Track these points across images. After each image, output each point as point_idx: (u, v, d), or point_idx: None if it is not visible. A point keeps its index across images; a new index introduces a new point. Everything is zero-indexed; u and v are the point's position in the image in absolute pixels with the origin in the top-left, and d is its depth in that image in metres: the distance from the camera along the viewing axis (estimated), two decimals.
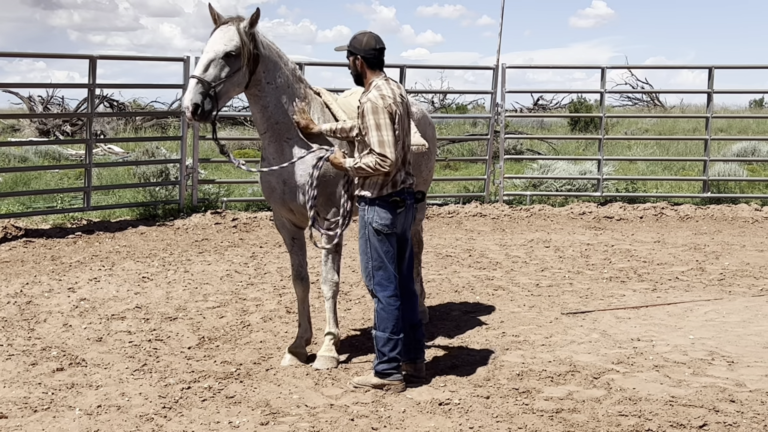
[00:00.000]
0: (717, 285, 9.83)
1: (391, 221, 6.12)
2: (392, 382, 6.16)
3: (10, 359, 6.87)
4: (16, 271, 10.24)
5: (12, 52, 19.99)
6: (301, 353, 6.91)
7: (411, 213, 6.29)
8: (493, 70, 15.73)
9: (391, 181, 6.12)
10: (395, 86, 6.22)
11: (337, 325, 6.91)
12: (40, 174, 17.90)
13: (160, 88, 30.42)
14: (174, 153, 18.02)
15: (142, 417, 5.65)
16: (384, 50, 6.27)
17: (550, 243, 12.49)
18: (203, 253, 11.53)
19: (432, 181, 8.18)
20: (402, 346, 6.21)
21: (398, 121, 6.06)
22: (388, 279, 6.18)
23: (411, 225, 6.36)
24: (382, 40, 6.27)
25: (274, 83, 6.54)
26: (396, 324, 6.17)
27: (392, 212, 6.13)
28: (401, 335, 6.19)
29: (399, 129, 6.07)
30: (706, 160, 16.33)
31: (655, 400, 5.88)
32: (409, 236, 6.37)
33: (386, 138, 5.95)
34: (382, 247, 6.15)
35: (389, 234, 6.14)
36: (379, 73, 6.24)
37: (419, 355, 6.45)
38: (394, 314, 6.17)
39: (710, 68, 15.95)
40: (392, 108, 6.01)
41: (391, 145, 5.95)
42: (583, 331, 7.72)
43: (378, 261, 6.17)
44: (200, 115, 6.20)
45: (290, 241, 6.99)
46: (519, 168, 19.45)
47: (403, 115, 6.15)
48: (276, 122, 6.58)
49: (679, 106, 37.61)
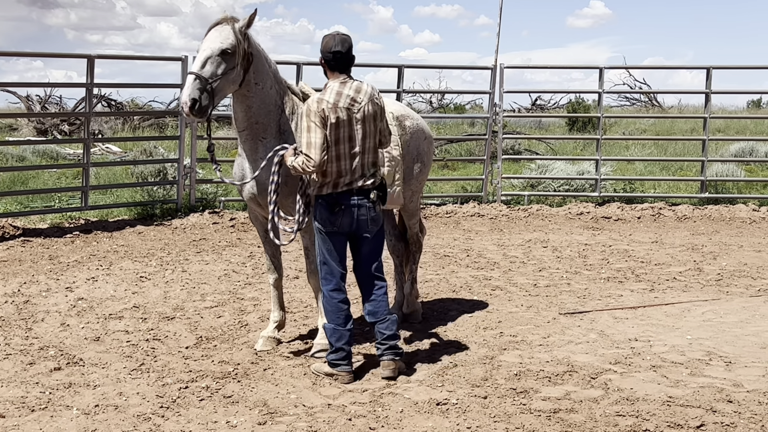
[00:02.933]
0: (714, 285, 9.84)
1: (330, 220, 6.34)
2: (339, 373, 6.42)
3: (7, 359, 6.87)
4: (14, 270, 10.23)
5: (9, 51, 19.94)
6: (273, 338, 7.33)
7: (366, 212, 6.37)
8: (491, 70, 15.74)
9: (331, 182, 6.30)
10: (351, 90, 6.30)
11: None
12: (37, 173, 17.90)
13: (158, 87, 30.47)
14: (172, 152, 18.01)
15: (139, 416, 5.65)
16: (344, 54, 6.33)
17: (548, 243, 12.50)
18: (201, 252, 11.53)
19: (421, 192, 8.19)
20: (350, 337, 6.45)
21: (335, 126, 6.20)
22: (331, 274, 6.44)
23: (368, 225, 6.42)
24: (345, 41, 6.34)
25: (261, 84, 6.71)
26: (339, 316, 6.42)
27: (331, 211, 6.32)
28: (347, 327, 6.44)
29: (335, 133, 6.20)
30: (703, 161, 16.34)
31: (653, 400, 5.88)
32: (368, 235, 6.46)
33: (313, 140, 6.19)
34: (324, 244, 6.44)
35: (330, 232, 6.38)
36: (338, 75, 6.36)
37: (384, 352, 6.50)
38: (336, 306, 6.43)
39: (708, 68, 15.96)
40: (325, 113, 6.18)
41: (317, 147, 6.17)
42: (581, 332, 7.73)
43: (322, 256, 6.47)
44: (197, 110, 6.35)
45: (263, 233, 7.27)
46: (517, 168, 19.46)
47: (352, 119, 6.25)
48: (256, 122, 6.76)
49: (677, 107, 37.67)
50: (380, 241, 6.62)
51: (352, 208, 6.32)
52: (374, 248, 6.57)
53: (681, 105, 37.75)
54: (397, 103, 8.12)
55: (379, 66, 40.27)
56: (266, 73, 6.72)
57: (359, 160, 6.31)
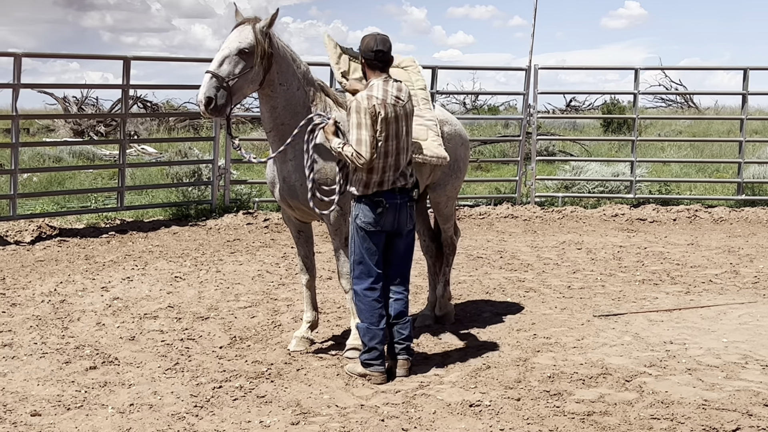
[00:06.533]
0: (751, 288, 9.74)
1: (374, 220, 6.34)
2: (372, 373, 6.41)
3: (44, 357, 6.94)
4: (51, 270, 10.33)
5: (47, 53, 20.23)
6: (306, 338, 7.31)
7: (405, 211, 6.43)
8: (526, 71, 15.69)
9: (378, 181, 6.32)
10: (394, 88, 6.35)
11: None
12: (74, 174, 18.06)
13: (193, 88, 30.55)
14: (206, 153, 18.10)
15: (173, 416, 5.69)
16: (385, 52, 6.39)
17: (582, 245, 12.43)
18: (235, 253, 11.59)
19: (456, 198, 8.19)
20: (383, 337, 6.45)
21: (384, 122, 6.23)
22: (367, 273, 6.45)
23: (408, 223, 6.47)
24: (386, 41, 6.39)
25: (286, 85, 6.71)
26: (373, 315, 6.42)
27: (375, 211, 6.32)
28: (381, 326, 6.43)
29: (385, 130, 6.23)
30: (740, 162, 16.19)
31: (688, 403, 5.83)
32: (404, 233, 6.50)
33: (364, 137, 6.19)
34: (363, 244, 6.41)
35: (372, 232, 6.37)
36: (379, 74, 6.40)
37: (399, 351, 6.55)
38: (370, 305, 6.43)
39: (745, 69, 15.82)
40: (376, 110, 6.20)
41: (368, 145, 6.18)
42: (615, 334, 7.68)
43: (359, 255, 6.45)
44: (213, 108, 6.38)
45: (296, 233, 7.34)
46: (551, 169, 19.38)
47: (398, 116, 6.30)
48: (282, 123, 6.76)
49: (713, 108, 37.31)
50: (412, 242, 6.65)
51: (395, 207, 6.36)
52: (408, 249, 6.60)
53: (717, 106, 37.42)
54: (438, 107, 8.11)
55: None
56: (292, 74, 6.71)
57: (402, 158, 6.37)
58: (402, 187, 6.41)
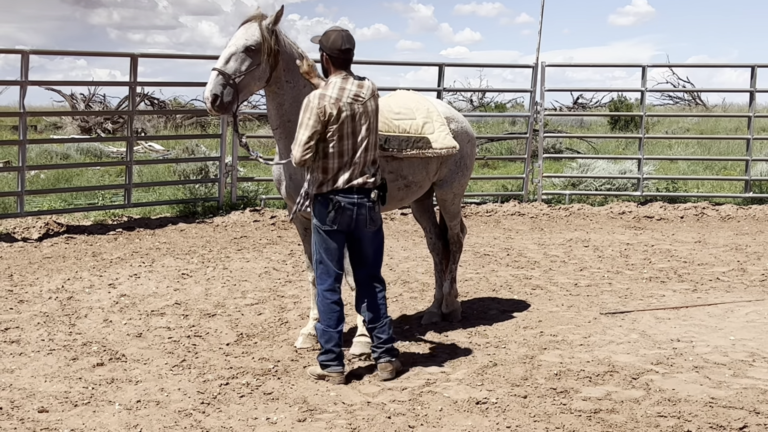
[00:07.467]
0: (759, 286, 9.72)
1: (328, 218, 6.25)
2: (330, 374, 6.36)
3: (51, 354, 6.96)
4: (58, 266, 10.36)
5: (54, 50, 20.16)
6: (313, 335, 7.25)
7: (365, 212, 6.29)
8: (533, 69, 15.67)
9: (331, 179, 6.22)
10: (354, 86, 6.26)
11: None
12: (81, 171, 18.12)
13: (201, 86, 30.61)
14: (214, 151, 18.15)
15: (180, 412, 5.70)
16: (350, 50, 6.31)
17: (589, 242, 12.42)
18: (242, 250, 11.60)
19: (463, 194, 8.16)
20: (339, 339, 6.40)
21: (337, 122, 6.13)
22: (327, 273, 6.38)
23: (368, 224, 6.35)
24: (351, 38, 6.32)
25: (293, 82, 6.71)
26: (331, 318, 6.36)
27: (329, 210, 6.25)
28: (338, 329, 6.37)
29: (338, 130, 6.13)
30: (748, 160, 16.16)
31: (695, 401, 5.82)
32: (367, 234, 6.39)
33: (300, 137, 6.14)
34: (321, 243, 6.35)
35: (329, 231, 6.29)
36: (340, 71, 6.30)
37: (380, 356, 6.50)
38: (329, 308, 6.38)
39: (753, 67, 15.79)
40: (326, 110, 6.10)
41: (301, 145, 6.12)
42: (622, 332, 7.67)
43: (318, 255, 6.39)
44: (219, 106, 6.39)
45: (303, 231, 7.33)
46: (558, 167, 19.37)
47: (356, 115, 6.20)
48: (288, 120, 6.75)
49: (721, 105, 37.24)
50: (380, 243, 6.54)
51: (351, 207, 6.24)
52: (374, 250, 6.51)
53: (725, 104, 37.37)
54: (444, 104, 8.11)
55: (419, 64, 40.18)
56: (299, 71, 6.70)
57: (361, 157, 6.26)
58: (360, 186, 6.27)
